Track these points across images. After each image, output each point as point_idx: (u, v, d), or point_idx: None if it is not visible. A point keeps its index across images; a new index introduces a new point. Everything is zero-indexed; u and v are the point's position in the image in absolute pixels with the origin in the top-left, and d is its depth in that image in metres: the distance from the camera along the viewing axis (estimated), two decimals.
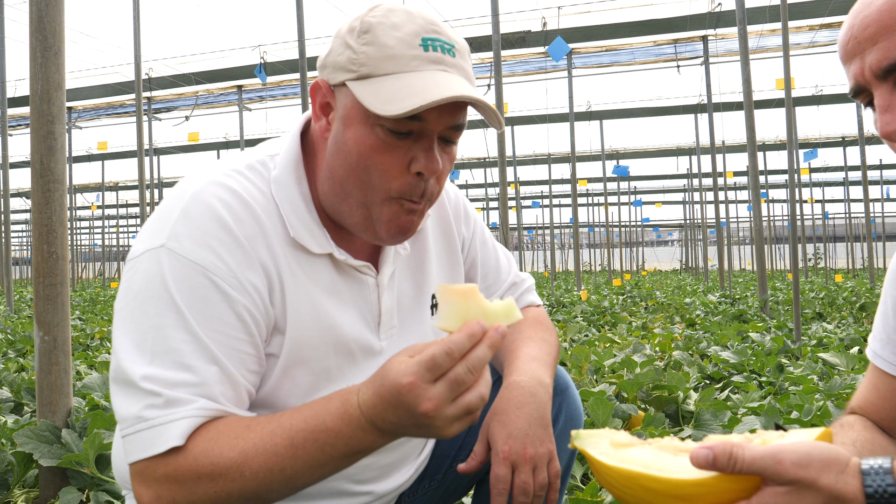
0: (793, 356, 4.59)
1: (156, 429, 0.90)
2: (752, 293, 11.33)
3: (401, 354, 0.85)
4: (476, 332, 0.82)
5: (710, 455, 0.71)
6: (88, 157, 19.85)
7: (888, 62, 0.83)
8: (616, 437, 0.83)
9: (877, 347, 1.15)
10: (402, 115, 0.94)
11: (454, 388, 0.81)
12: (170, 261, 0.95)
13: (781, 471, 0.68)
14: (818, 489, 0.68)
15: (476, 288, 0.86)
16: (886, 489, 0.67)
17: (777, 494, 0.69)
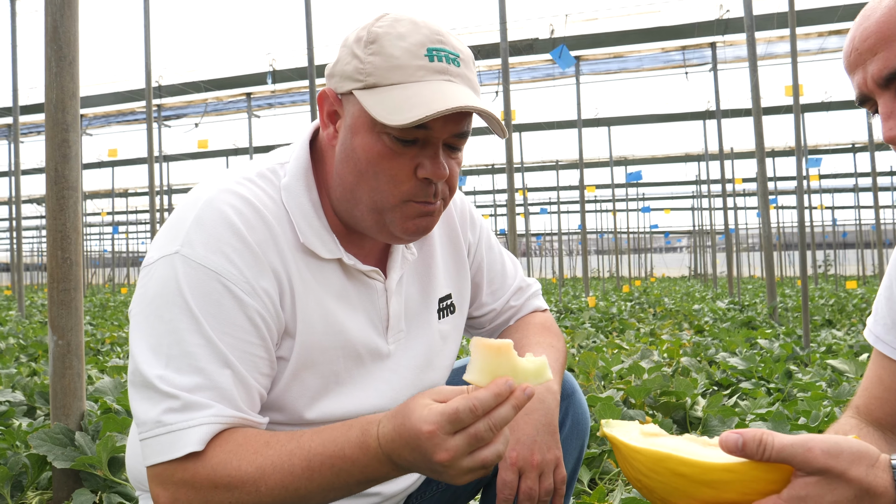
0: (801, 363, 4.58)
1: (174, 434, 0.93)
2: (762, 300, 11.29)
3: (425, 397, 0.87)
4: (503, 391, 0.83)
5: (740, 440, 0.71)
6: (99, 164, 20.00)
7: (888, 71, 0.86)
8: (646, 428, 0.84)
9: (879, 332, 1.16)
10: (407, 126, 0.97)
11: (473, 443, 0.83)
12: (184, 267, 0.98)
13: (811, 458, 0.68)
14: (848, 481, 0.68)
15: (511, 345, 0.86)
16: None
17: (808, 485, 0.68)
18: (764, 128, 7.16)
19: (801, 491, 0.69)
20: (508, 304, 1.38)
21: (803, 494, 0.68)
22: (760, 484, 0.71)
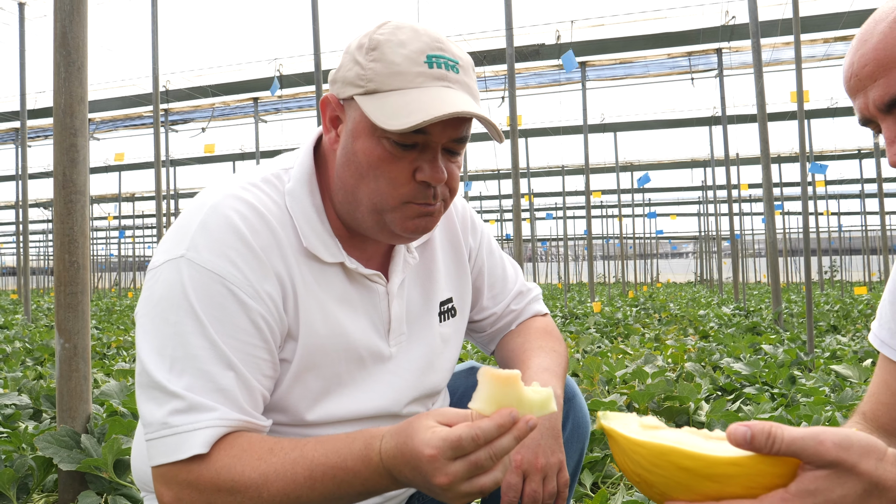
0: (805, 368, 4.58)
1: (180, 436, 0.94)
2: (767, 305, 11.26)
3: (429, 418, 0.88)
4: (506, 423, 0.84)
5: (749, 433, 0.69)
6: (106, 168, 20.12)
7: (889, 98, 0.87)
8: (645, 420, 0.82)
9: (883, 336, 1.16)
10: (406, 130, 0.98)
11: (472, 470, 0.84)
12: (189, 270, 0.99)
13: (823, 451, 0.67)
14: (858, 474, 0.67)
15: (518, 376, 0.87)
16: None
17: (817, 479, 0.68)
18: (770, 133, 7.16)
19: (810, 485, 0.68)
20: (509, 308, 1.40)
21: (812, 488, 0.68)
22: (766, 478, 0.69)
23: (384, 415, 1.14)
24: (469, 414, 0.87)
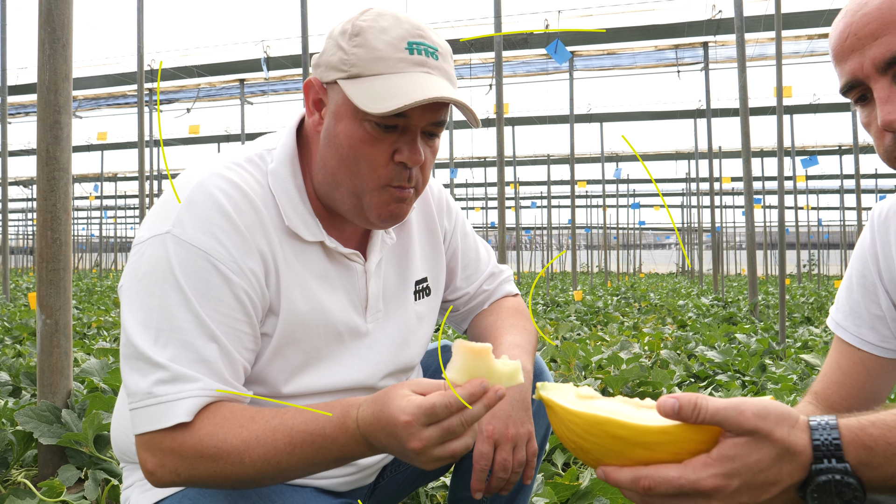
0: (777, 357, 4.68)
1: (164, 405, 0.98)
2: (745, 297, 11.42)
3: (405, 387, 0.93)
4: (477, 392, 0.89)
5: (677, 404, 0.75)
6: (88, 147, 19.91)
7: (891, 55, 0.90)
8: (581, 391, 0.88)
9: (839, 318, 1.23)
10: (388, 114, 1.02)
11: (444, 435, 0.89)
12: (174, 246, 1.03)
13: (742, 420, 0.73)
14: (773, 441, 0.73)
15: (489, 349, 0.92)
16: (832, 442, 0.73)
17: (736, 445, 0.74)
18: (754, 128, 7.26)
19: (730, 451, 0.74)
20: (481, 288, 1.45)
21: (732, 454, 0.74)
22: (691, 444, 0.75)
23: (360, 388, 1.19)
24: (442, 384, 0.92)
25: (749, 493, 0.74)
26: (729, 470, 0.74)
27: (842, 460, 0.73)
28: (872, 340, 1.20)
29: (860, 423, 0.74)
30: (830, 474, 0.73)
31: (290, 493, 1.10)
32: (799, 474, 0.74)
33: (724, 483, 0.74)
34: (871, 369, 1.21)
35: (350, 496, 1.27)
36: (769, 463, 0.74)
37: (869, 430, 0.73)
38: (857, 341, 1.21)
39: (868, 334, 1.20)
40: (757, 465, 0.73)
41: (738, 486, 0.74)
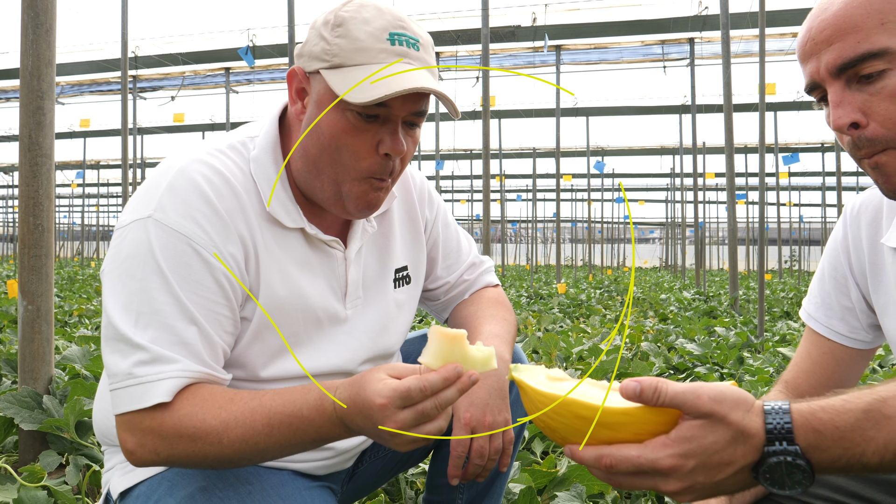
0: (755, 350, 4.75)
1: (144, 385, 1.00)
2: (726, 291, 11.54)
3: (381, 371, 0.95)
4: (451, 376, 0.92)
5: (638, 388, 0.78)
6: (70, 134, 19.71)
7: (842, 60, 0.94)
8: (551, 373, 0.92)
9: (811, 309, 1.27)
10: (369, 104, 1.04)
11: (419, 418, 0.92)
12: (156, 230, 1.04)
13: (700, 404, 0.76)
14: (728, 424, 0.77)
15: (464, 335, 0.95)
16: (784, 426, 0.77)
17: (693, 427, 0.77)
18: (739, 124, 7.34)
19: (687, 432, 0.77)
20: (462, 277, 1.47)
21: (689, 435, 0.77)
22: (652, 426, 0.79)
23: (338, 373, 1.21)
24: (418, 368, 0.94)
25: (705, 472, 0.77)
26: (686, 450, 0.77)
27: (792, 443, 0.76)
28: (842, 331, 1.24)
29: (811, 408, 0.77)
30: (781, 456, 0.76)
31: (267, 476, 1.12)
32: (752, 456, 0.77)
33: (681, 463, 0.77)
34: (840, 359, 1.25)
35: (328, 480, 1.30)
36: (724, 444, 0.77)
37: (818, 414, 0.77)
38: (827, 332, 1.25)
39: (838, 325, 1.24)
40: (712, 447, 0.77)
41: (695, 465, 0.77)
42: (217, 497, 1.07)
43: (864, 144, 0.96)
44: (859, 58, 0.93)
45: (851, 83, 0.96)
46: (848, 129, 0.96)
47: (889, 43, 0.92)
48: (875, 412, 0.75)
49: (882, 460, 0.75)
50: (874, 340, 1.24)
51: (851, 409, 0.76)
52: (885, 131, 0.94)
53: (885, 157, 0.95)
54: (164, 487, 1.11)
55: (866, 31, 0.93)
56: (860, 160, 0.99)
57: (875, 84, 0.94)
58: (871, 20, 0.93)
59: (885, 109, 0.93)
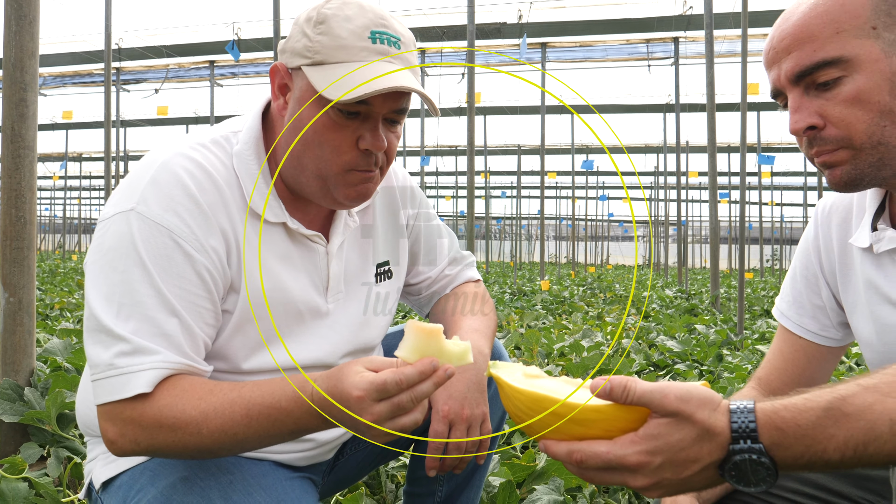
0: (734, 348, 4.82)
1: (125, 376, 1.01)
2: (708, 290, 11.65)
3: (358, 364, 0.97)
4: (427, 370, 0.94)
5: (609, 386, 0.81)
6: (53, 126, 19.51)
7: (799, 69, 1.00)
8: (528, 370, 0.94)
9: (783, 308, 1.31)
10: (349, 102, 1.06)
11: (395, 410, 0.94)
12: (138, 223, 1.05)
13: (666, 403, 0.79)
14: (694, 422, 0.79)
15: (440, 329, 0.97)
16: (748, 424, 0.79)
17: (660, 425, 0.80)
18: (722, 124, 7.40)
19: (654, 430, 0.80)
20: (443, 272, 1.49)
21: (656, 433, 0.80)
22: (621, 423, 0.82)
23: (319, 365, 1.23)
24: (394, 361, 0.96)
25: (671, 469, 0.80)
26: (653, 447, 0.79)
27: (757, 441, 0.78)
28: (813, 329, 1.27)
29: (774, 407, 0.80)
30: (746, 454, 0.78)
31: (248, 466, 1.14)
32: (718, 453, 0.80)
33: (648, 459, 0.79)
34: (811, 356, 1.28)
35: (309, 471, 1.31)
36: (690, 442, 0.79)
37: (781, 413, 0.79)
38: (798, 329, 1.28)
39: (809, 323, 1.27)
40: (678, 444, 0.79)
41: (662, 462, 0.80)
42: (198, 487, 1.08)
43: (817, 143, 1.02)
44: (815, 66, 0.99)
45: (810, 90, 1.01)
46: (804, 132, 1.02)
47: (843, 52, 0.97)
48: (835, 410, 0.78)
49: (843, 456, 0.77)
50: (844, 338, 1.27)
51: (812, 408, 0.79)
52: (839, 132, 0.99)
53: (835, 156, 1.01)
54: (146, 477, 1.12)
55: (822, 40, 0.98)
56: (812, 158, 1.05)
57: (831, 90, 0.99)
58: (827, 30, 0.98)
59: (840, 113, 0.99)
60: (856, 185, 1.03)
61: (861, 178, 1.02)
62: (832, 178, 1.04)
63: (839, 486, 1.16)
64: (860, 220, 1.17)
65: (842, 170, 1.02)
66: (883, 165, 1.00)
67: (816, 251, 1.26)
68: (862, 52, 0.97)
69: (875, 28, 0.97)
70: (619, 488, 2.04)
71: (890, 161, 1.00)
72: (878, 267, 1.12)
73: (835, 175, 1.03)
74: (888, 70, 0.97)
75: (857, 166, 1.01)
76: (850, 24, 0.97)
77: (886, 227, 1.10)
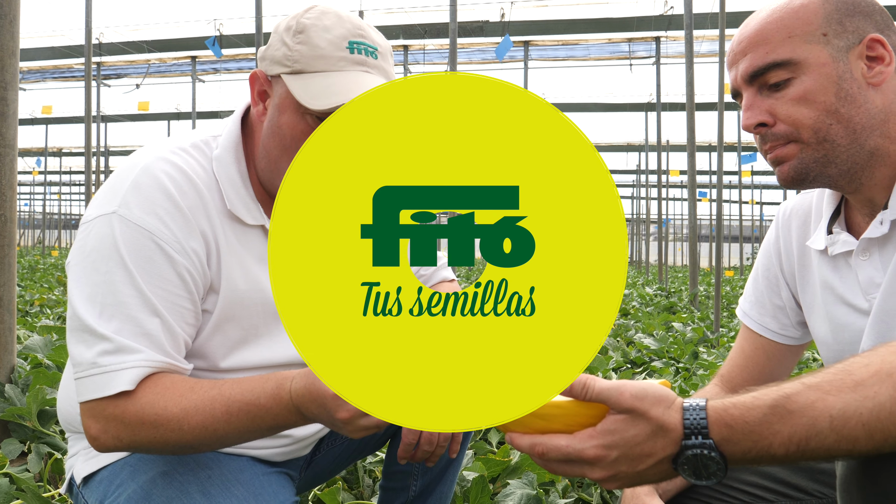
0: (711, 345, 4.90)
1: (108, 374, 1.04)
2: (687, 287, 11.78)
3: None
4: None
5: None
6: (32, 121, 19.30)
7: (752, 69, 1.08)
8: None
9: (746, 308, 1.36)
10: (326, 111, 1.10)
11: None
12: (120, 226, 1.09)
13: (622, 400, 0.83)
14: (648, 419, 0.83)
15: None
16: (700, 421, 0.84)
17: (617, 421, 0.84)
18: (704, 123, 7.50)
19: (611, 426, 0.84)
20: (419, 272, 1.53)
21: (612, 428, 0.84)
22: (581, 418, 0.85)
23: (295, 364, 1.26)
24: None
25: (627, 462, 0.85)
26: (609, 442, 0.84)
27: (707, 437, 0.83)
28: (774, 328, 1.32)
29: (724, 405, 0.84)
30: (698, 449, 0.83)
31: (226, 461, 1.17)
32: (671, 448, 0.84)
33: (605, 453, 0.84)
34: (772, 354, 1.34)
35: (286, 467, 1.35)
36: (644, 437, 0.84)
37: (730, 410, 0.84)
38: (760, 329, 1.34)
39: (770, 322, 1.33)
40: (633, 439, 0.84)
41: (617, 456, 0.84)
42: (177, 482, 1.12)
43: (769, 139, 1.09)
44: (767, 66, 1.06)
45: (763, 90, 1.09)
46: (755, 129, 1.10)
47: (793, 55, 1.05)
48: (780, 408, 0.82)
49: (787, 451, 0.82)
50: (803, 337, 1.33)
51: (759, 406, 0.83)
52: (787, 128, 1.07)
53: (784, 150, 1.08)
54: (126, 472, 1.16)
55: (774, 43, 1.06)
56: (765, 153, 1.11)
57: (781, 91, 1.07)
58: (780, 34, 1.06)
59: (788, 111, 1.06)
60: (802, 180, 1.09)
61: (807, 173, 1.08)
62: (781, 173, 1.10)
63: (796, 479, 1.21)
64: (818, 224, 1.22)
65: (789, 165, 1.08)
66: (828, 162, 1.06)
67: (777, 253, 1.32)
68: (811, 55, 1.05)
69: (825, 35, 1.05)
70: (592, 483, 2.09)
71: (835, 158, 1.06)
72: (833, 269, 1.17)
73: (783, 171, 1.10)
74: (835, 74, 1.04)
75: (803, 161, 1.07)
76: (801, 29, 1.05)
77: (841, 230, 1.16)
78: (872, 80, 1.05)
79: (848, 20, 1.06)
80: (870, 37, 1.05)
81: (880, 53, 1.05)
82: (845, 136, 1.05)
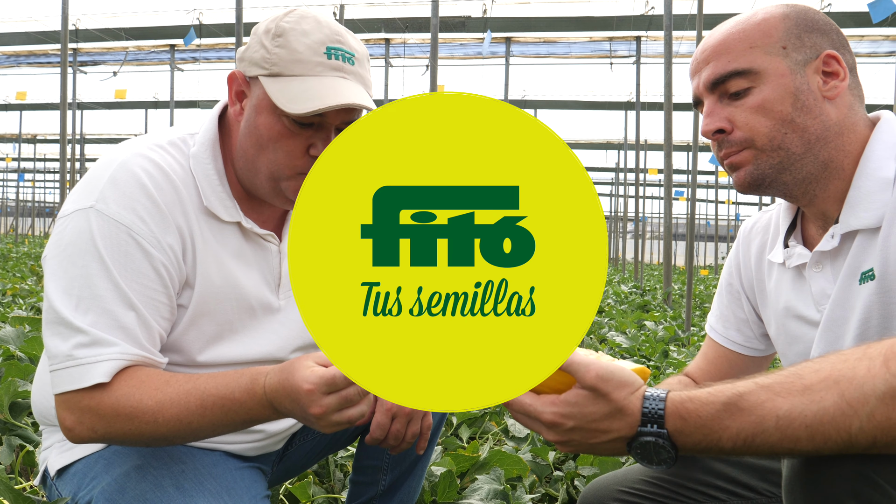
0: (682, 344, 4.98)
1: (83, 367, 1.06)
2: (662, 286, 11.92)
3: (309, 359, 1.03)
4: None
5: None
6: (6, 107, 18.99)
7: (714, 77, 1.12)
8: None
9: (712, 321, 1.42)
10: (303, 115, 1.12)
11: (342, 403, 0.99)
12: (97, 220, 1.10)
13: (587, 377, 0.88)
14: (609, 400, 0.89)
15: None
16: (657, 411, 0.89)
17: (578, 395, 0.89)
18: (683, 123, 7.58)
19: (572, 398, 0.90)
20: None
21: (573, 401, 0.89)
22: (552, 382, 0.89)
23: (270, 359, 1.28)
24: None
25: (581, 433, 0.90)
26: (567, 412, 0.89)
27: (662, 427, 0.88)
28: (738, 340, 1.38)
29: (681, 398, 0.89)
30: (652, 437, 0.88)
31: (200, 456, 1.19)
32: (627, 431, 0.90)
33: (561, 421, 0.89)
34: (733, 363, 1.40)
35: (259, 461, 1.37)
36: (602, 416, 0.89)
37: (686, 404, 0.89)
38: (725, 342, 1.39)
39: (735, 335, 1.38)
40: (591, 416, 0.89)
41: (573, 426, 0.90)
42: (151, 475, 1.14)
43: (726, 145, 1.14)
44: (727, 75, 1.11)
45: (723, 98, 1.13)
46: (713, 135, 1.14)
47: (753, 64, 1.10)
48: (732, 405, 0.87)
49: (734, 446, 0.87)
50: (766, 349, 1.38)
51: (713, 402, 0.88)
52: (743, 135, 1.11)
53: (739, 157, 1.13)
54: (100, 465, 1.17)
55: (735, 53, 1.11)
56: (721, 160, 1.16)
57: (740, 99, 1.11)
58: (741, 45, 1.11)
59: (745, 119, 1.11)
60: (758, 186, 1.14)
61: (763, 179, 1.12)
62: (737, 179, 1.15)
63: (747, 479, 1.27)
64: (776, 239, 1.27)
65: (745, 171, 1.13)
66: (783, 169, 1.11)
67: (737, 267, 1.37)
68: (770, 66, 1.10)
69: (785, 48, 1.10)
70: (559, 478, 2.14)
71: (790, 166, 1.11)
72: (790, 281, 1.22)
73: (739, 176, 1.14)
74: (792, 85, 1.09)
75: (759, 167, 1.12)
76: (762, 41, 1.10)
77: (797, 243, 1.21)
78: (828, 94, 1.10)
79: (806, 36, 1.11)
80: (826, 52, 1.10)
81: (835, 69, 1.10)
82: (800, 145, 1.09)
